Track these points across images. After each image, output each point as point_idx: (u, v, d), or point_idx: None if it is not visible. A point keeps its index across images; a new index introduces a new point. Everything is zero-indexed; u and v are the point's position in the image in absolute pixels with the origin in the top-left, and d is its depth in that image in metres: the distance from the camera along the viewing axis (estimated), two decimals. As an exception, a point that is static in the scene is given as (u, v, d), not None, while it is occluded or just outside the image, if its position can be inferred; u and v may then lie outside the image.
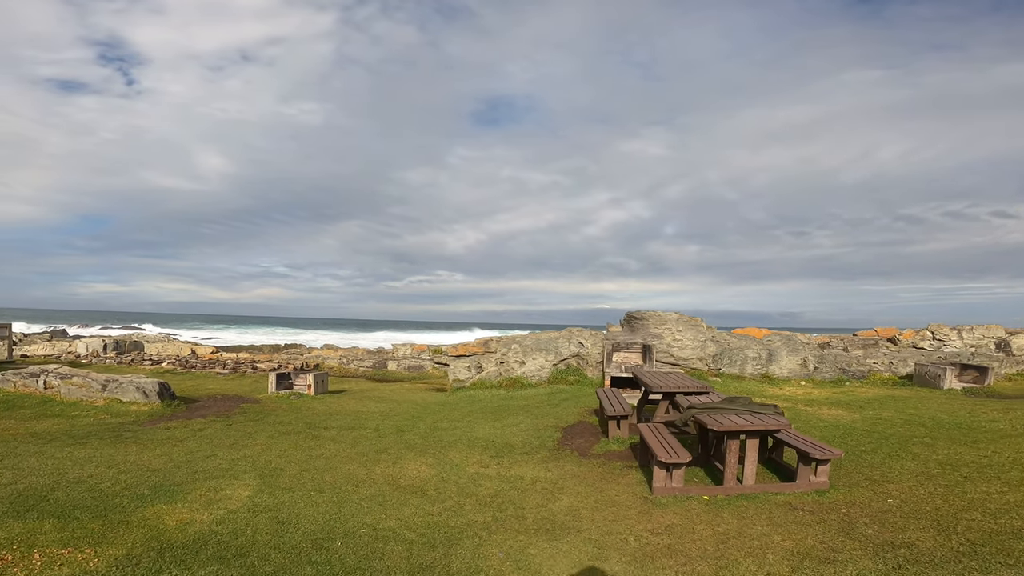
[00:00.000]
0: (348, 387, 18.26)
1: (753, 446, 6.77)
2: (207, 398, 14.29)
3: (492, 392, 15.32)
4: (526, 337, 16.38)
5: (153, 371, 20.64)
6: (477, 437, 10.12)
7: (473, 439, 9.97)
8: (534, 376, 15.71)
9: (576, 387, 15.17)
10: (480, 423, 11.39)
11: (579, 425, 11.01)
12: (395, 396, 16.03)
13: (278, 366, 22.97)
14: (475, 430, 10.70)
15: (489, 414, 12.43)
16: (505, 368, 16.00)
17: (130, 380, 12.64)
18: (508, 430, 10.70)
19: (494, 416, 12.14)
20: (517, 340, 16.21)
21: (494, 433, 10.45)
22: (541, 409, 12.68)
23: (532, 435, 10.25)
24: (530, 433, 10.39)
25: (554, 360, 15.91)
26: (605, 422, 10.75)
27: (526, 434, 10.31)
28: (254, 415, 12.02)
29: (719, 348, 15.99)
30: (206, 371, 20.84)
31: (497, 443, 9.71)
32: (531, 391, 15.13)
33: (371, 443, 9.55)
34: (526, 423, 11.24)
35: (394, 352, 26.40)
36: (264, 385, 17.38)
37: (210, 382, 17.81)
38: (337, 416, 12.21)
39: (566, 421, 11.39)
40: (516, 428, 10.83)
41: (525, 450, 9.23)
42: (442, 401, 14.76)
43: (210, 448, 8.91)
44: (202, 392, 15.35)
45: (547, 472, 7.96)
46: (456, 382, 16.61)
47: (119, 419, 11.26)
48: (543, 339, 16.00)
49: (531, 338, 16.20)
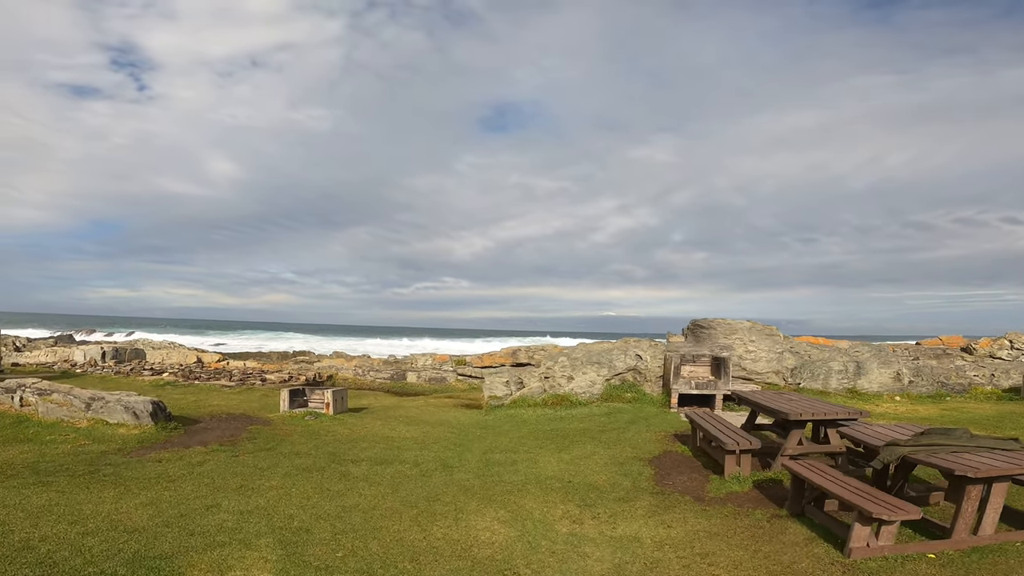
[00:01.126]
0: (368, 403, 16.21)
1: (1000, 491, 4.80)
2: (210, 418, 12.26)
3: (537, 412, 13.24)
4: (575, 349, 14.30)
5: (152, 383, 18.66)
6: (547, 475, 8.04)
7: (543, 477, 7.89)
8: (584, 393, 13.63)
9: (635, 406, 13.07)
10: (542, 454, 9.31)
11: (667, 457, 8.92)
12: (424, 415, 13.97)
13: (289, 378, 20.95)
14: (540, 464, 8.62)
15: (547, 441, 10.34)
16: (550, 384, 13.93)
17: (118, 398, 10.62)
18: (581, 464, 8.62)
19: (554, 444, 10.05)
20: (565, 352, 14.14)
21: (566, 468, 8.37)
22: (607, 434, 10.59)
23: (615, 471, 8.16)
24: (612, 468, 8.30)
25: (607, 375, 13.83)
26: (701, 452, 8.67)
27: (607, 470, 8.22)
28: (265, 442, 9.98)
29: (798, 360, 13.89)
30: (211, 383, 18.85)
31: (576, 483, 7.64)
32: (583, 410, 13.04)
33: (416, 485, 7.48)
34: (600, 454, 9.15)
35: (413, 362, 24.34)
36: (275, 401, 15.35)
37: (214, 397, 15.78)
38: (364, 444, 10.16)
39: (648, 451, 9.29)
40: (590, 461, 8.75)
41: (618, 494, 7.15)
42: (481, 423, 12.69)
43: (211, 493, 6.87)
44: (205, 410, 13.32)
45: (668, 529, 5.88)
46: (492, 399, 14.54)
47: (101, 447, 9.24)
48: (595, 351, 13.93)
49: (581, 350, 14.13)
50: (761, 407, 7.94)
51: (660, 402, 13.27)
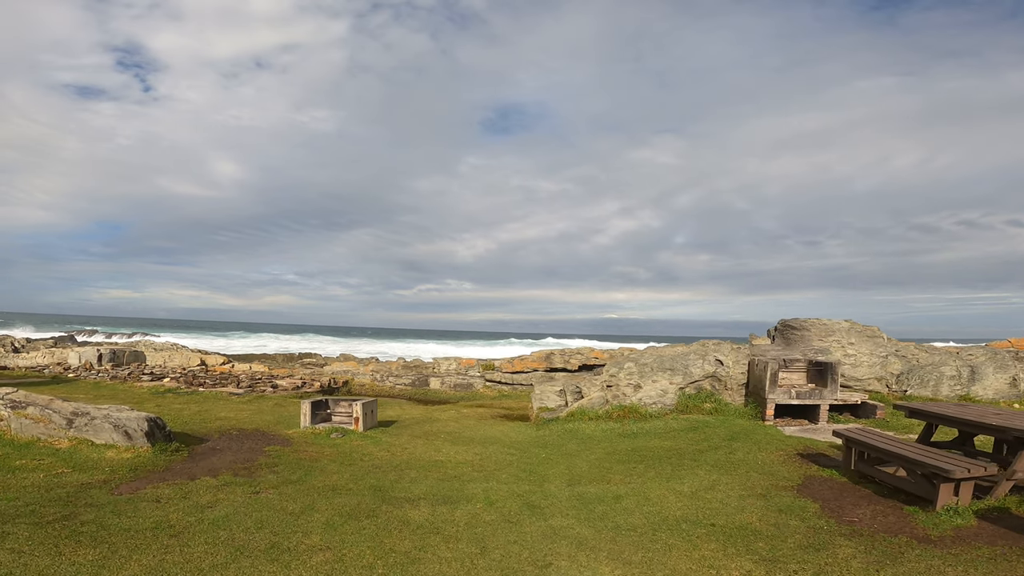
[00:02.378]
0: (395, 414, 14.22)
1: None
2: (218, 435, 10.28)
3: (602, 427, 11.25)
4: (643, 353, 12.31)
5: (151, 390, 16.67)
6: (673, 514, 6.06)
7: (670, 519, 5.91)
8: (654, 404, 11.64)
9: (720, 419, 11.07)
10: (646, 484, 7.31)
11: (815, 483, 6.96)
12: (466, 430, 11.98)
13: (302, 384, 18.96)
14: (653, 499, 6.63)
15: (638, 464, 8.35)
16: (614, 393, 11.94)
17: (106, 413, 8.63)
18: (709, 497, 6.63)
19: (652, 469, 8.05)
20: (632, 357, 12.15)
21: (692, 504, 6.38)
22: (710, 455, 8.59)
23: (764, 506, 6.17)
24: (755, 502, 6.31)
25: (681, 382, 11.85)
26: (862, 476, 6.72)
27: (751, 505, 6.23)
28: (290, 470, 7.99)
29: (905, 365, 11.92)
30: (216, 390, 16.86)
31: (722, 526, 5.66)
32: (657, 424, 11.05)
33: (507, 538, 5.48)
34: (725, 482, 7.16)
35: (436, 367, 22.35)
36: (291, 413, 13.36)
37: (221, 407, 13.79)
38: (412, 472, 8.17)
39: (783, 476, 7.31)
40: (718, 493, 6.76)
41: (796, 540, 5.17)
42: (539, 440, 10.70)
43: (233, 558, 4.88)
44: (211, 424, 11.33)
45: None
46: (544, 411, 12.55)
47: (83, 476, 7.27)
48: (667, 356, 11.94)
49: (651, 354, 12.14)
50: (964, 423, 5.99)
51: (748, 414, 11.28)
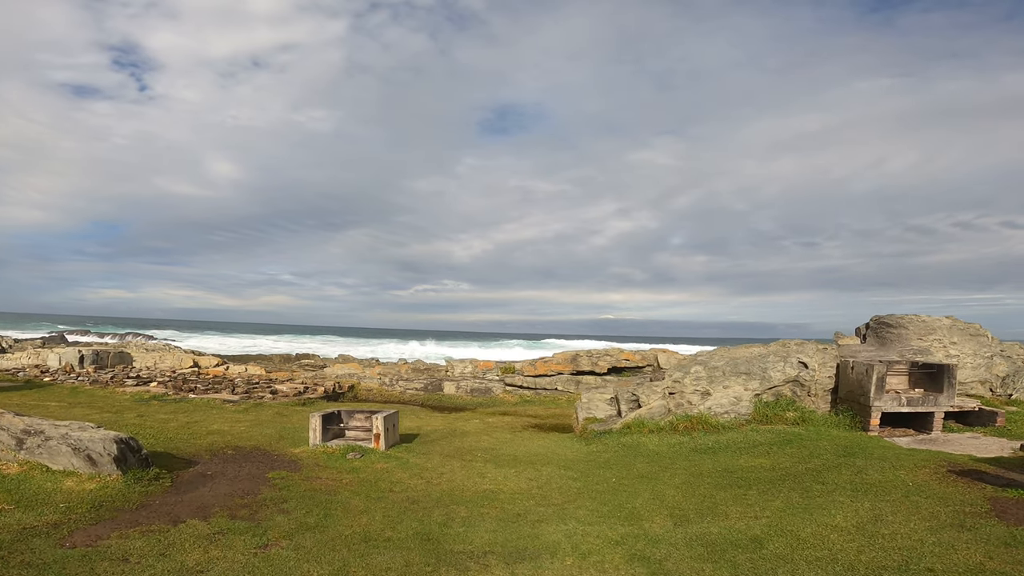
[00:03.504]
0: (414, 425, 12.38)
1: None
2: (210, 456, 8.43)
3: (668, 440, 9.47)
4: (713, 354, 10.52)
5: (134, 396, 14.77)
6: (863, 561, 4.30)
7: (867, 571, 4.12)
8: (726, 413, 9.88)
9: (811, 429, 9.29)
10: (780, 515, 5.52)
11: (1013, 506, 5.17)
12: (503, 446, 10.18)
13: (304, 389, 17.10)
14: (808, 538, 4.84)
15: (746, 488, 6.55)
16: (677, 401, 10.16)
17: (65, 432, 6.75)
18: (884, 533, 4.89)
19: (764, 493, 6.26)
20: (700, 359, 10.35)
21: (871, 545, 4.62)
22: (829, 475, 6.82)
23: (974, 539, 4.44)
24: (958, 535, 4.59)
25: (758, 388, 10.08)
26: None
27: (957, 539, 4.51)
28: (303, 507, 6.15)
29: (1011, 367, 10.23)
30: (208, 396, 14.98)
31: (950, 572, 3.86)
32: (734, 436, 9.28)
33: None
34: (890, 512, 5.41)
35: (450, 370, 20.50)
36: (294, 423, 11.52)
37: (214, 418, 11.92)
38: (460, 507, 6.36)
39: (960, 500, 5.58)
40: (893, 526, 5.03)
41: None
42: (597, 457, 8.91)
43: None
44: (202, 440, 9.48)
45: None
46: (592, 422, 10.76)
47: (28, 516, 5.44)
48: (741, 358, 10.16)
49: (722, 356, 10.35)
50: None
51: (842, 423, 9.53)
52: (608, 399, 10.89)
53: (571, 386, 18.41)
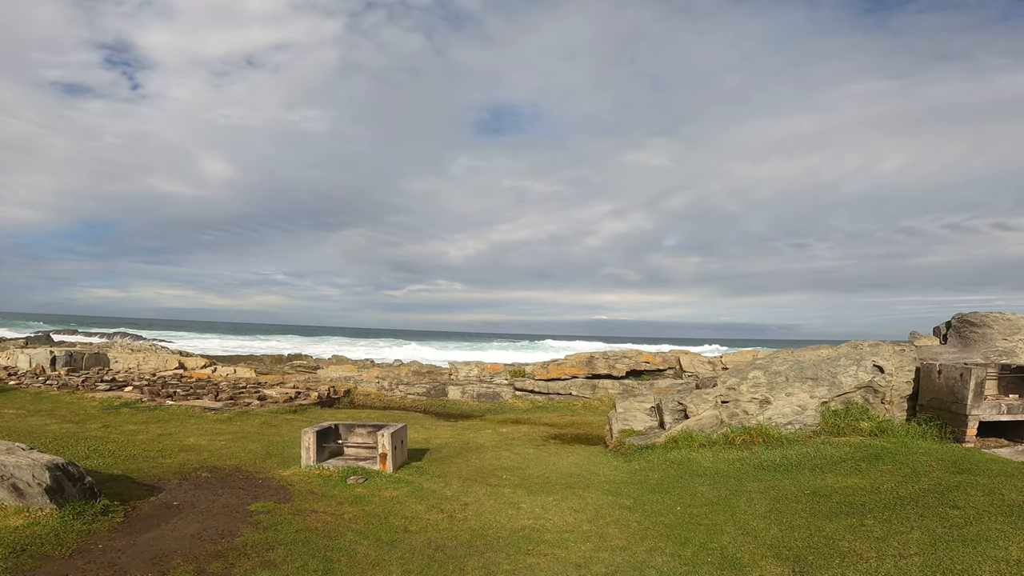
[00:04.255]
0: (422, 437, 10.87)
1: None
2: (179, 481, 6.89)
3: (725, 455, 8.01)
4: (774, 358, 9.06)
5: (103, 402, 13.17)
6: None
7: None
8: (789, 424, 8.45)
9: (894, 441, 7.84)
10: (936, 556, 4.06)
11: None
12: (529, 464, 8.70)
13: (296, 394, 15.53)
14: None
15: (859, 517, 5.09)
16: (731, 411, 8.72)
17: (-19, 458, 5.19)
18: None
19: (887, 524, 4.80)
20: (759, 363, 8.90)
21: None
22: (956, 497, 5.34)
23: None
24: None
25: (825, 395, 8.64)
26: None
27: None
28: (295, 559, 4.64)
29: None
30: (188, 403, 13.40)
31: None
32: (803, 450, 7.82)
33: None
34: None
35: (454, 373, 18.98)
36: (283, 434, 10.00)
37: (191, 429, 10.37)
38: (499, 555, 4.89)
39: None
40: None
41: None
42: (644, 478, 7.44)
43: None
44: (172, 458, 7.94)
45: None
46: (629, 435, 9.29)
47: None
48: (807, 362, 8.71)
49: (784, 360, 8.90)
50: None
51: (928, 434, 8.10)
52: (648, 408, 9.43)
53: (586, 391, 16.95)
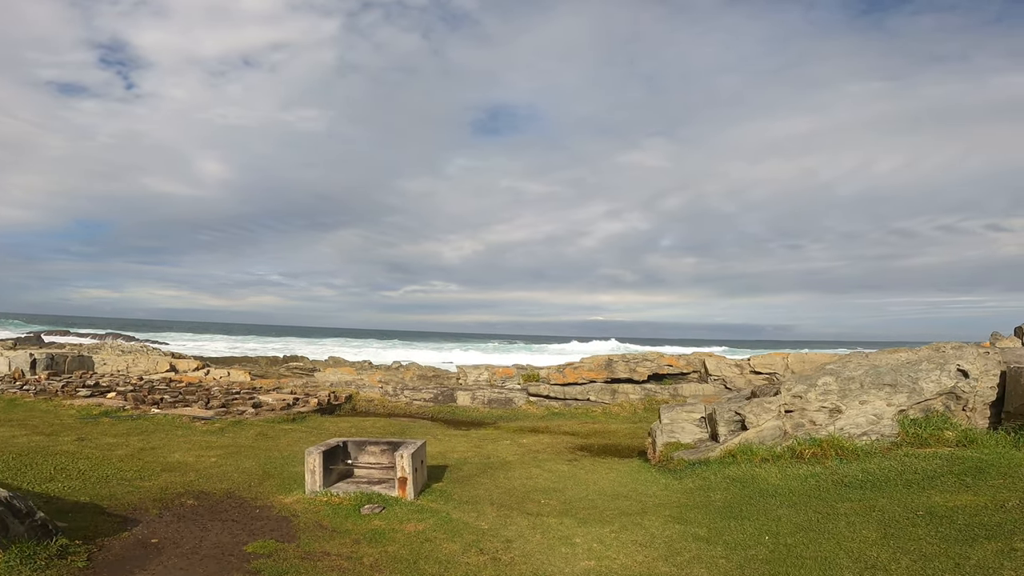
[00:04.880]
0: (437, 450, 9.74)
1: None
2: (159, 510, 5.73)
3: (795, 471, 6.94)
4: (847, 362, 7.95)
5: (83, 410, 11.96)
6: None
7: None
8: (864, 435, 7.38)
9: (990, 453, 6.72)
10: None
11: None
12: (566, 484, 7.59)
13: (295, 400, 14.36)
14: None
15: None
16: (796, 421, 7.63)
17: None
18: None
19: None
20: (830, 369, 7.79)
21: None
22: None
23: None
24: None
25: (904, 403, 7.56)
26: None
27: None
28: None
29: None
30: (176, 411, 12.21)
31: None
32: (887, 464, 6.74)
33: None
34: None
35: (462, 377, 17.82)
36: (282, 448, 8.85)
37: (178, 442, 9.19)
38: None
39: None
40: None
41: None
42: (707, 500, 6.34)
43: None
44: (151, 481, 6.78)
45: None
46: (675, 448, 8.19)
47: None
48: (884, 366, 7.62)
49: (858, 364, 7.79)
50: None
51: (1020, 443, 7.02)
52: (697, 419, 8.32)
53: (606, 396, 15.85)
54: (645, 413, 15.49)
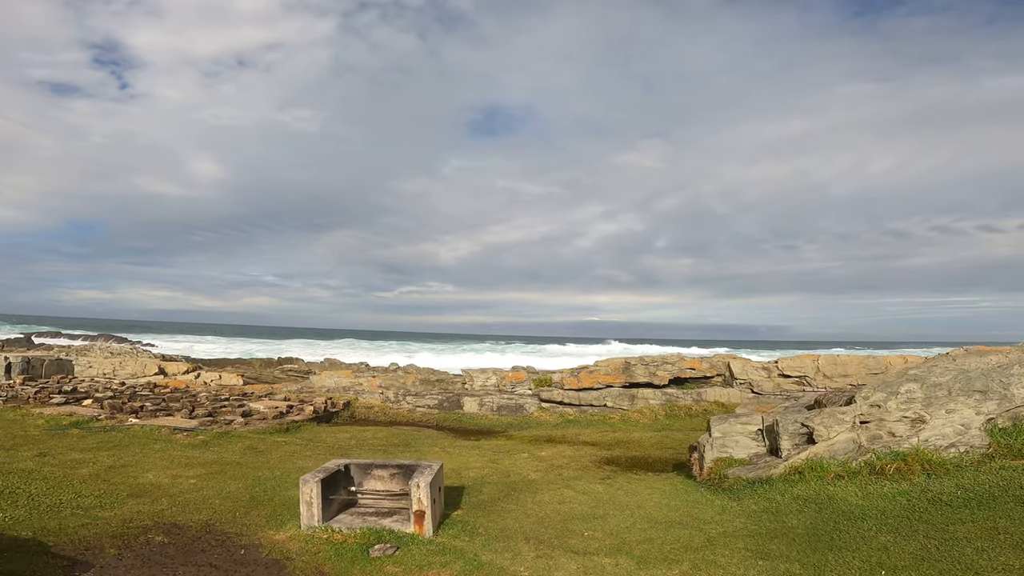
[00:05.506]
0: (450, 465, 8.61)
1: None
2: (116, 550, 4.59)
3: (878, 489, 5.93)
4: (932, 367, 6.89)
5: (52, 419, 10.79)
6: None
7: None
8: (952, 447, 6.35)
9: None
10: None
11: None
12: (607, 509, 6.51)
13: (288, 408, 13.21)
14: None
15: None
16: (872, 433, 6.58)
17: None
18: None
19: None
20: (913, 374, 6.73)
21: None
22: None
23: None
24: None
25: (993, 410, 6.53)
26: None
27: None
28: None
29: None
30: (157, 421, 11.05)
31: None
32: (983, 479, 5.67)
33: None
34: None
35: (468, 382, 16.69)
36: (273, 466, 7.72)
37: (152, 460, 8.03)
38: None
39: None
40: None
41: None
42: (783, 526, 5.28)
43: None
44: (114, 510, 5.64)
45: None
46: (728, 464, 7.12)
47: None
48: (975, 370, 6.58)
49: (946, 367, 6.74)
50: None
51: None
52: (753, 432, 7.24)
53: (624, 401, 14.76)
54: (667, 420, 14.42)
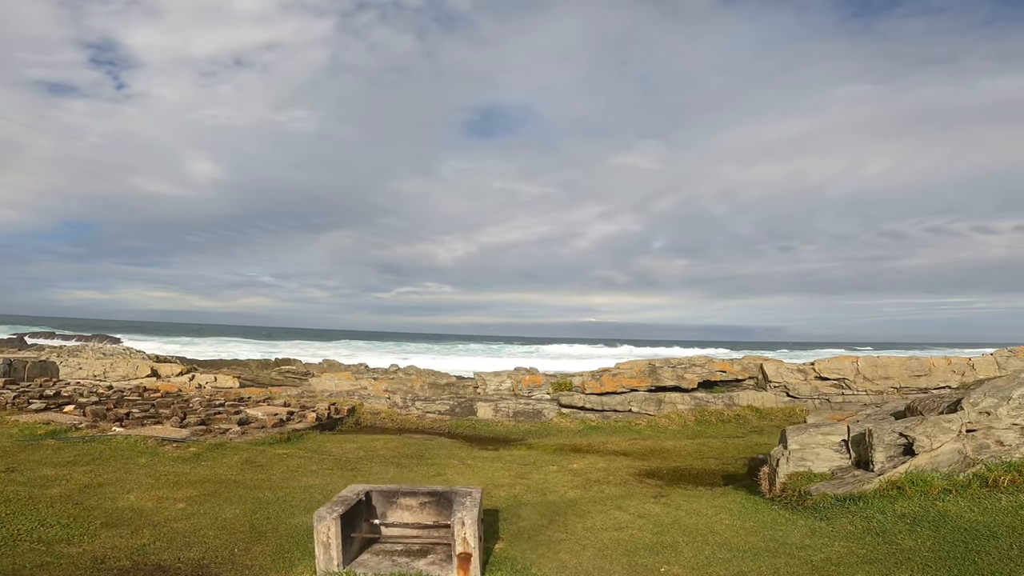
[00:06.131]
0: (480, 482, 7.58)
1: None
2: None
3: (996, 504, 4.94)
4: None
5: (27, 428, 9.70)
6: None
7: None
8: (1077, 472, 5.29)
9: None
10: None
11: None
12: (674, 536, 5.49)
13: (289, 415, 12.14)
14: None
15: None
16: (979, 442, 5.61)
17: None
18: None
19: None
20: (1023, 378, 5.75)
21: None
22: None
23: None
24: None
25: None
26: None
27: None
28: None
29: None
30: (143, 431, 9.98)
31: None
32: None
33: None
34: None
35: (481, 386, 15.63)
36: (275, 483, 6.67)
37: (135, 477, 6.96)
38: None
39: None
40: None
41: None
42: (902, 551, 4.35)
43: None
44: (81, 545, 4.58)
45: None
46: (808, 479, 6.11)
47: None
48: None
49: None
50: None
51: None
52: (837, 443, 6.23)
53: (650, 406, 13.74)
54: (698, 426, 13.41)
